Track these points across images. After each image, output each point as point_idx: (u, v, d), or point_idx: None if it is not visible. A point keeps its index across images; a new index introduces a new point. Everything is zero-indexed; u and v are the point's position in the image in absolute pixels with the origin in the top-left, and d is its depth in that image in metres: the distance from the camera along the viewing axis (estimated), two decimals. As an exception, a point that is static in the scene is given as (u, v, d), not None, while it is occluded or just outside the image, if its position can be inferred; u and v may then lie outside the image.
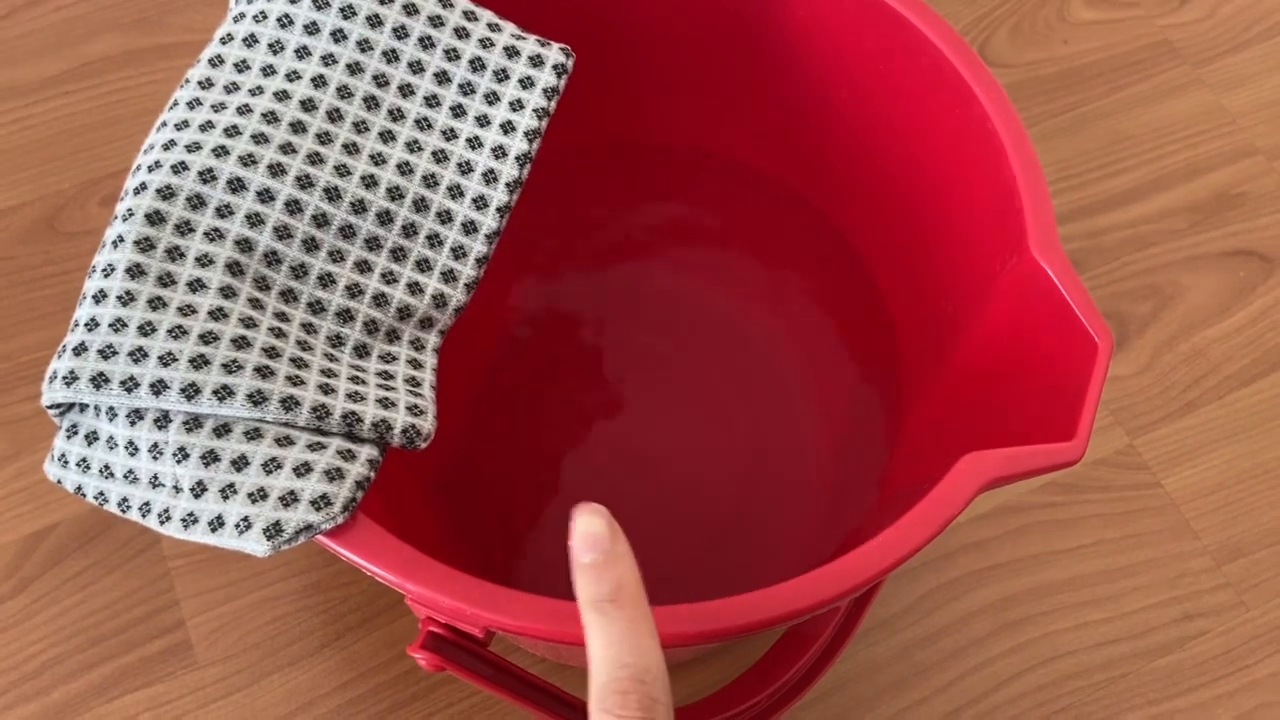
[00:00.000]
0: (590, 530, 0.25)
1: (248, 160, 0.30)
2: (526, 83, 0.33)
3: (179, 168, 0.29)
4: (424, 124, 0.32)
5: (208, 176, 0.29)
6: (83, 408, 0.29)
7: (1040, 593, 0.46)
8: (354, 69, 0.32)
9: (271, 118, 0.30)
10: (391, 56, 0.32)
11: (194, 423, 0.27)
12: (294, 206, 0.30)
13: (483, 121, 0.33)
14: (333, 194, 0.31)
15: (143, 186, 0.29)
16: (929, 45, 0.34)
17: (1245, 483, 0.49)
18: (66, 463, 0.28)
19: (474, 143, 0.33)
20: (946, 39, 0.34)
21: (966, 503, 0.27)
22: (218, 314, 0.28)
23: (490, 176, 0.32)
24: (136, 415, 0.27)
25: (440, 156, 0.32)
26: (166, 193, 0.29)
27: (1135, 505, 0.48)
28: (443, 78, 0.33)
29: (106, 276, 0.28)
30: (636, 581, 0.25)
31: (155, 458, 0.27)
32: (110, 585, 0.45)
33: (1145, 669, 0.45)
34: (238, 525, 0.26)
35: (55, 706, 0.42)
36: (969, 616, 0.46)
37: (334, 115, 0.31)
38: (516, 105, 0.33)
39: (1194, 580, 0.47)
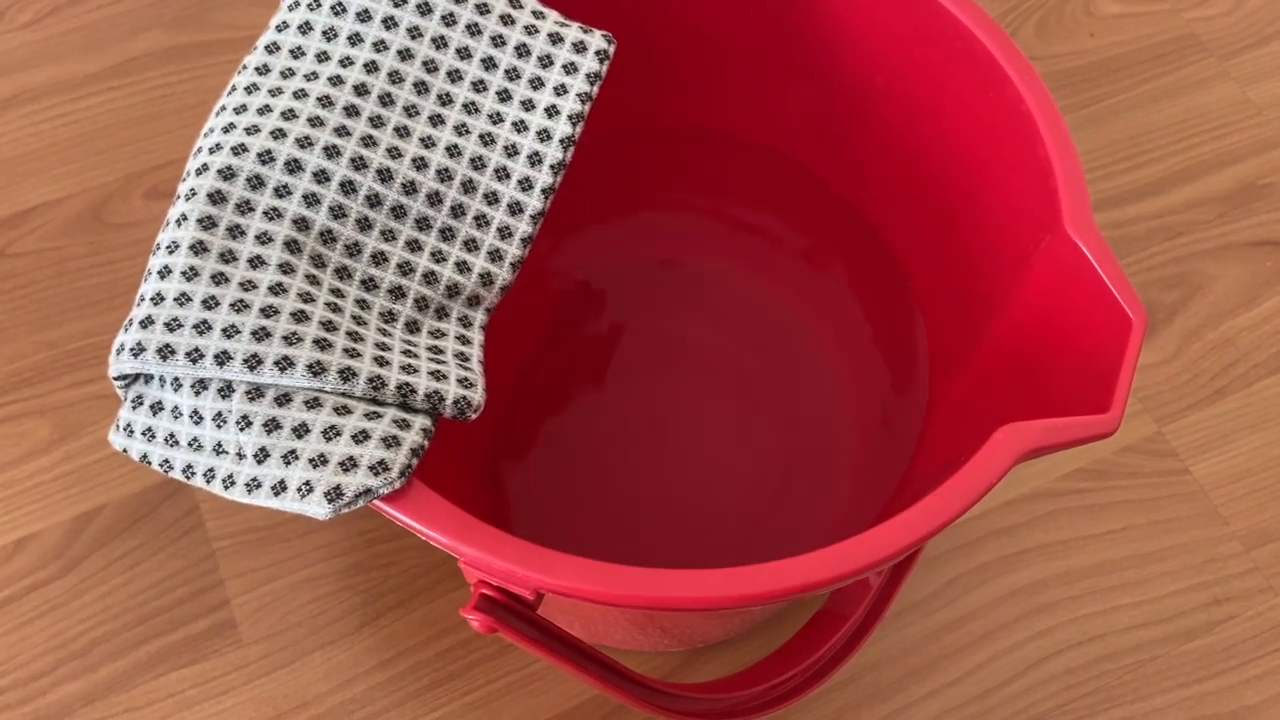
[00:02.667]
0: None
1: (304, 142, 0.31)
2: (570, 68, 0.34)
3: (239, 149, 0.30)
4: (471, 108, 0.33)
5: (266, 158, 0.30)
6: (148, 379, 0.30)
7: (1069, 578, 0.47)
8: (404, 55, 0.33)
9: (326, 102, 0.31)
10: (440, 43, 0.33)
11: (256, 392, 0.28)
12: (348, 187, 0.31)
13: (528, 106, 0.34)
14: (385, 175, 0.32)
15: (204, 167, 0.30)
16: (962, 29, 0.35)
17: (1274, 469, 0.49)
18: (132, 432, 0.29)
19: (519, 126, 0.34)
20: (980, 23, 0.34)
21: (1004, 471, 0.28)
22: (277, 289, 0.29)
23: (535, 159, 0.33)
24: (200, 385, 0.28)
25: (487, 139, 0.33)
26: (227, 173, 0.30)
27: (1164, 492, 0.49)
28: (489, 63, 0.34)
29: (171, 253, 0.29)
30: None
31: (219, 426, 0.28)
32: (156, 565, 0.46)
33: (1174, 653, 0.46)
34: (299, 489, 0.27)
35: (103, 683, 0.43)
36: (998, 601, 0.46)
37: (385, 100, 0.32)
38: (560, 90, 0.34)
39: (1223, 565, 0.47)
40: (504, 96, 0.34)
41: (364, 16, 0.33)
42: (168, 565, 0.46)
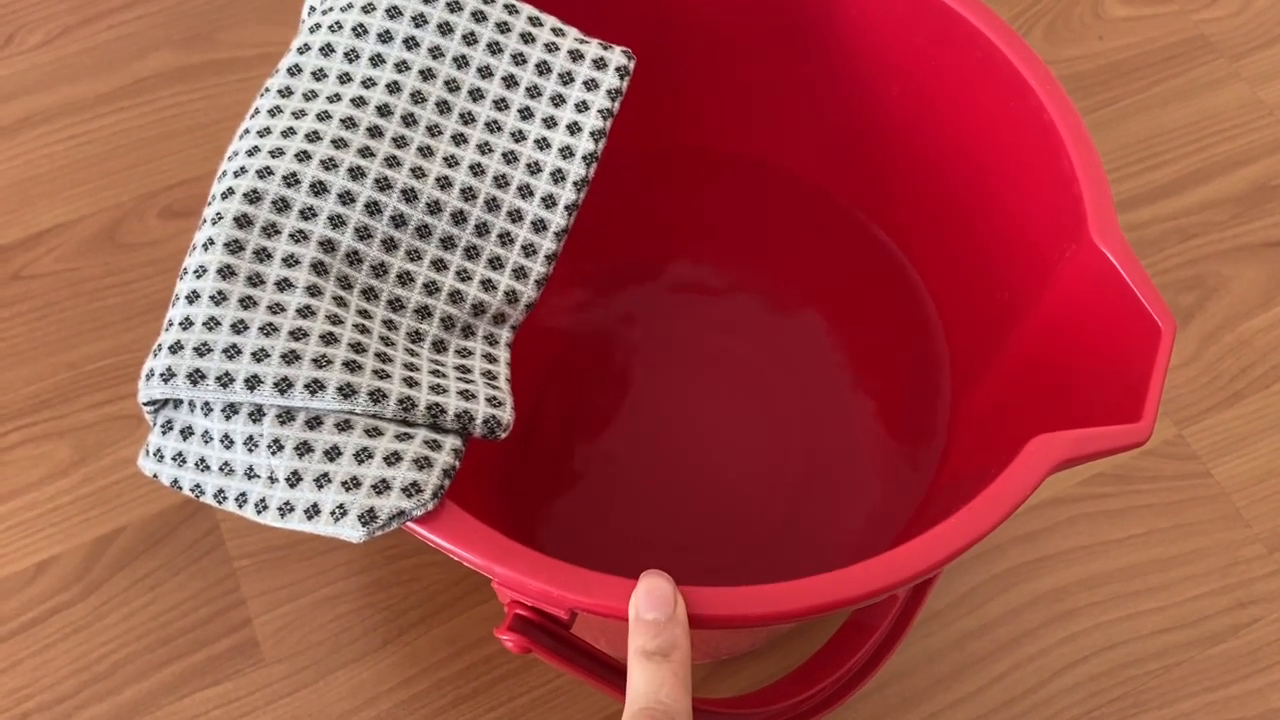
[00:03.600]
0: (658, 590, 0.27)
1: (329, 164, 0.31)
2: (591, 85, 0.34)
3: (264, 172, 0.30)
4: (494, 127, 0.33)
5: (291, 180, 0.30)
6: (177, 404, 0.30)
7: (1092, 583, 0.47)
8: (426, 75, 0.33)
9: (350, 123, 0.31)
10: (461, 62, 0.33)
11: (287, 415, 0.28)
12: (374, 208, 0.31)
13: (550, 123, 0.34)
14: (409, 195, 0.32)
15: (230, 191, 0.30)
16: (980, 38, 0.35)
17: (1295, 471, 0.49)
18: (162, 457, 0.29)
19: (542, 144, 0.34)
20: (998, 31, 0.34)
21: (1038, 483, 0.27)
22: (305, 311, 0.29)
23: (558, 176, 0.33)
24: (231, 409, 0.28)
25: (510, 158, 0.33)
26: (253, 196, 0.30)
27: (1185, 495, 0.49)
28: (510, 82, 0.34)
29: (199, 277, 0.29)
30: (688, 648, 0.27)
31: (250, 450, 0.28)
32: (178, 586, 0.46)
33: (1199, 657, 0.45)
34: (333, 513, 0.27)
35: (127, 705, 0.43)
36: (1021, 608, 0.46)
37: (408, 120, 0.32)
38: (582, 107, 0.34)
39: (1246, 568, 0.47)
40: (526, 114, 0.34)
41: (385, 37, 0.33)
42: (189, 586, 0.46)
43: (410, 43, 0.33)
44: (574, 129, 0.34)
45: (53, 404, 0.49)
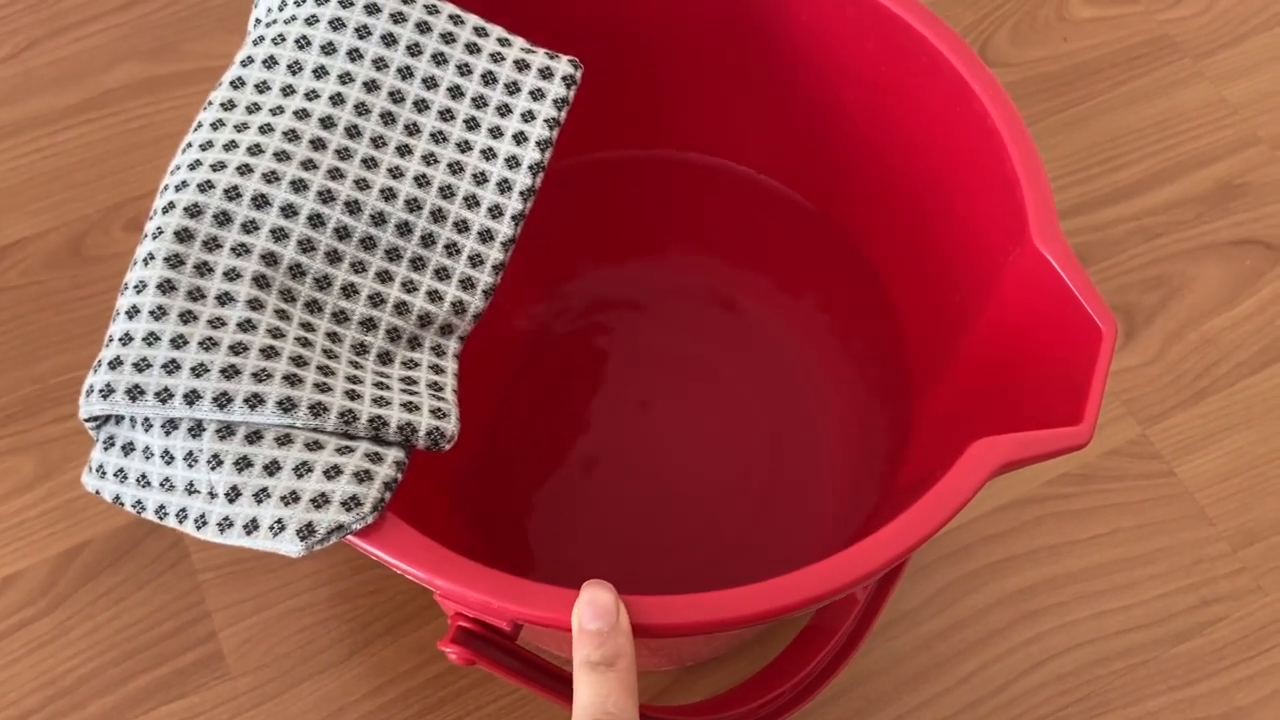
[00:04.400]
0: (599, 601, 0.27)
1: (271, 177, 0.31)
2: (537, 94, 0.34)
3: (205, 186, 0.30)
4: (439, 137, 0.33)
5: (233, 194, 0.30)
6: (119, 419, 0.30)
7: (1058, 583, 0.47)
8: (370, 86, 0.33)
9: (292, 135, 0.31)
10: (406, 73, 0.33)
11: (226, 430, 0.28)
12: (316, 220, 0.31)
13: (496, 133, 0.34)
14: (353, 207, 0.32)
15: (171, 205, 0.30)
16: (927, 45, 0.35)
17: (1259, 468, 0.49)
18: (104, 473, 0.29)
19: (488, 154, 0.34)
20: (944, 39, 0.34)
21: (978, 487, 0.28)
22: (246, 325, 0.29)
23: (505, 185, 0.33)
24: (171, 425, 0.28)
25: (456, 168, 0.33)
26: (194, 210, 0.30)
27: (1150, 494, 0.49)
28: (456, 92, 0.34)
29: (139, 292, 0.29)
30: (632, 655, 0.27)
31: (190, 465, 0.28)
32: (142, 600, 0.46)
33: (1165, 656, 0.46)
34: (272, 527, 0.27)
35: None
36: (988, 608, 0.46)
37: (352, 131, 0.32)
38: (528, 116, 0.34)
39: (1211, 566, 0.47)
40: (471, 124, 0.34)
41: (329, 49, 0.33)
42: (154, 599, 0.46)
43: (354, 54, 0.33)
44: (520, 139, 0.34)
45: (18, 418, 0.49)
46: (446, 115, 0.34)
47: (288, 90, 0.33)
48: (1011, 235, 0.32)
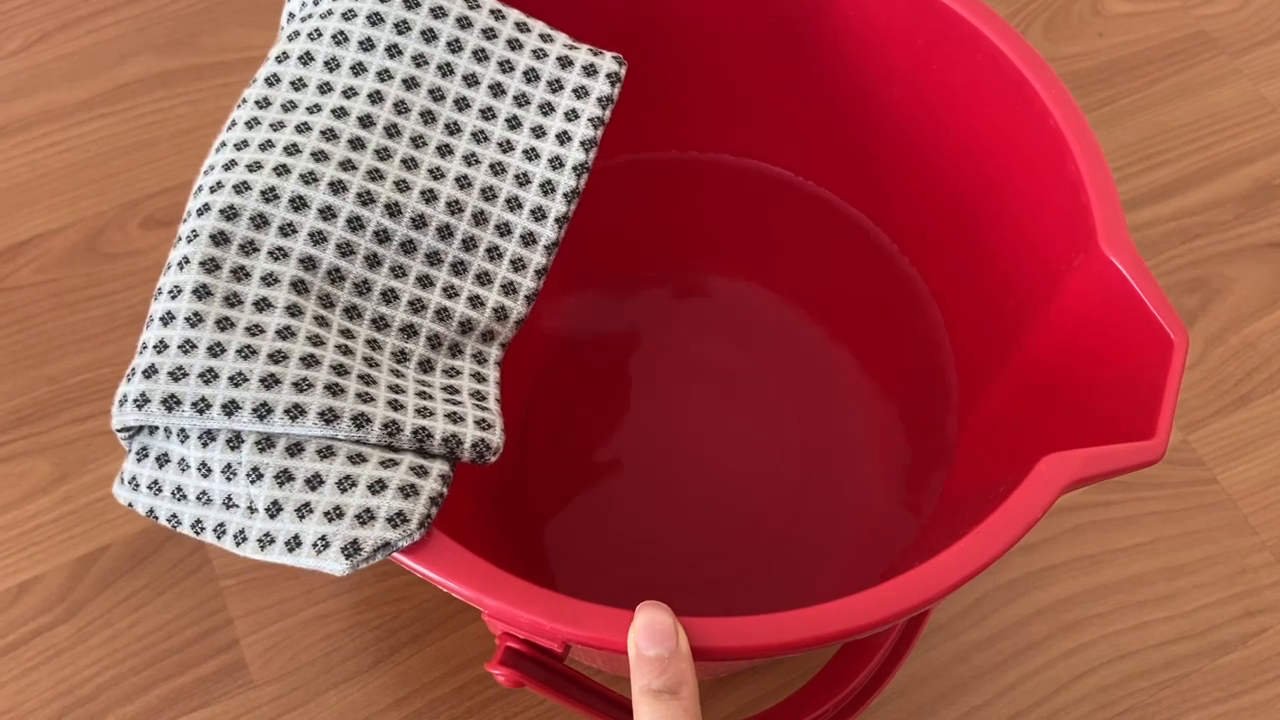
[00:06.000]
0: (658, 625, 0.26)
1: (309, 178, 0.30)
2: (581, 92, 0.33)
3: (241, 187, 0.29)
4: (480, 137, 0.32)
5: (270, 195, 0.29)
6: (152, 430, 0.28)
7: (1098, 593, 0.46)
8: (410, 84, 0.32)
9: (330, 135, 0.30)
10: (446, 70, 0.32)
11: (266, 442, 0.27)
12: (356, 223, 0.30)
13: (538, 133, 0.33)
14: (393, 209, 0.30)
15: (206, 207, 0.29)
16: (984, 41, 0.34)
17: (1303, 476, 0.48)
18: (138, 486, 0.28)
19: (530, 154, 0.32)
20: (1001, 33, 0.33)
21: (1049, 505, 0.26)
22: (285, 333, 0.28)
23: (548, 187, 0.32)
24: (208, 436, 0.27)
25: (498, 169, 0.32)
26: (230, 213, 0.29)
27: (1192, 502, 0.48)
28: (497, 90, 0.33)
29: (174, 298, 0.28)
30: (694, 682, 0.26)
31: (229, 479, 0.27)
32: (162, 606, 0.45)
33: (1208, 668, 0.45)
34: (315, 545, 0.26)
35: (112, 729, 0.42)
36: (1027, 619, 0.45)
37: (391, 131, 0.31)
38: (572, 115, 0.33)
39: (1254, 576, 0.46)
40: (513, 124, 0.33)
41: (367, 45, 0.32)
42: (174, 606, 0.45)
43: (393, 50, 0.32)
44: (564, 138, 0.33)
45: (32, 420, 0.48)
46: (488, 114, 0.32)
47: (324, 88, 0.31)
48: (1075, 241, 0.31)
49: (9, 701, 0.43)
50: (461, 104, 0.32)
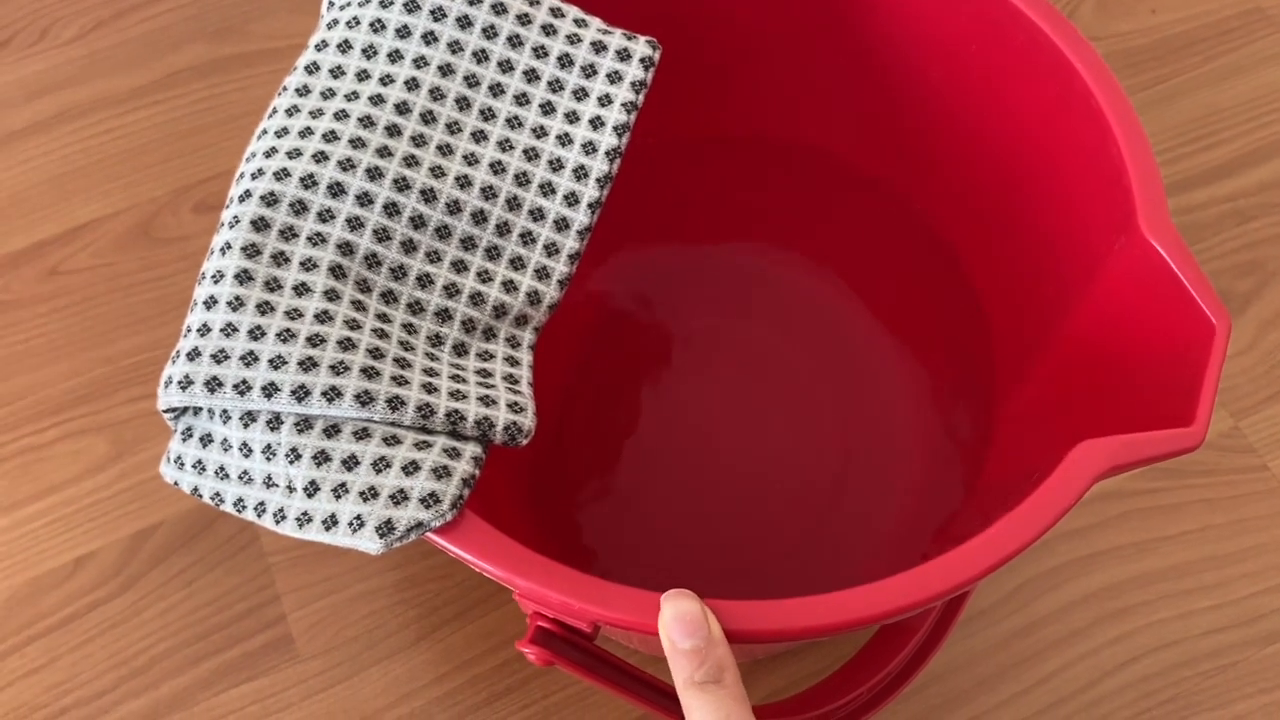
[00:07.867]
0: (686, 615, 0.25)
1: (346, 165, 0.30)
2: (614, 77, 0.33)
3: (281, 174, 0.30)
4: (515, 122, 0.32)
5: (309, 182, 0.30)
6: (196, 411, 0.29)
7: (1143, 581, 0.45)
8: (445, 70, 0.32)
9: (367, 122, 0.31)
10: (481, 56, 0.33)
11: (304, 424, 0.27)
12: (392, 209, 0.30)
13: (572, 118, 0.33)
14: (429, 195, 0.31)
15: (247, 194, 0.30)
16: (1024, 20, 0.33)
17: (1359, 464, 0.47)
18: (183, 464, 0.29)
19: (564, 139, 0.33)
20: (1043, 13, 0.33)
21: (1083, 492, 0.26)
22: (323, 316, 0.28)
23: (581, 173, 0.32)
24: (249, 417, 0.28)
25: (531, 154, 0.32)
26: (270, 199, 0.29)
27: (1241, 489, 0.47)
28: (531, 75, 0.33)
29: (216, 283, 0.29)
30: (734, 662, 0.26)
31: (269, 459, 0.27)
32: (213, 581, 0.46)
33: (1255, 657, 0.44)
34: (351, 524, 0.26)
35: (164, 701, 0.44)
36: (1070, 606, 0.45)
37: (427, 117, 0.32)
38: (605, 100, 0.33)
39: (1306, 566, 0.45)
40: (547, 109, 0.33)
41: (403, 33, 0.32)
42: (224, 581, 0.46)
43: (429, 38, 0.32)
44: (597, 124, 0.33)
45: (90, 399, 0.50)
46: (522, 100, 0.33)
47: (362, 75, 0.32)
48: (1116, 224, 0.31)
49: (66, 672, 0.44)
50: (496, 90, 0.33)
